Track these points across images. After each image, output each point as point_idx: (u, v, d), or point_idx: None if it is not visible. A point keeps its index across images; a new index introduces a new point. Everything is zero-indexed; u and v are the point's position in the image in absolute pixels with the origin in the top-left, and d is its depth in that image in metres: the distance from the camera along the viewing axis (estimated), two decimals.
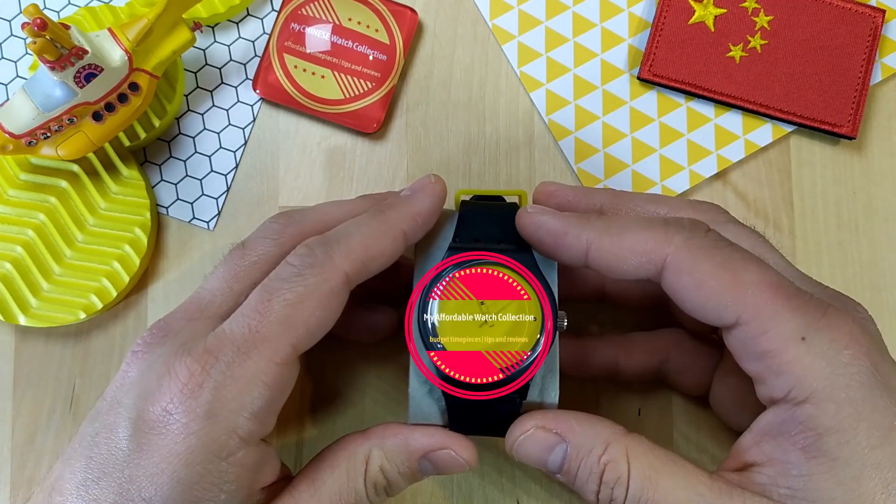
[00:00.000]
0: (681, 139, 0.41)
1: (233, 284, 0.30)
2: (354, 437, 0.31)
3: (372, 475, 0.30)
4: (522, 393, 0.30)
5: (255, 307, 0.28)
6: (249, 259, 0.31)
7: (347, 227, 0.30)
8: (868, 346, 0.27)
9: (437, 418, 0.31)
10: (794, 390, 0.26)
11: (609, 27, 0.42)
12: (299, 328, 0.28)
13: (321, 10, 0.41)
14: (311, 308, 0.28)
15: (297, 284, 0.28)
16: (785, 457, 0.27)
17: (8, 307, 0.39)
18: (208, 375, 0.27)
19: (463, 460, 0.30)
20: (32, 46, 0.33)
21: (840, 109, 0.41)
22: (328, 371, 0.40)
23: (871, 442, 0.26)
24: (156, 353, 0.29)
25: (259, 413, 0.27)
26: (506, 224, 0.31)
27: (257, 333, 0.27)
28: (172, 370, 0.27)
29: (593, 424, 0.29)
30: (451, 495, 0.39)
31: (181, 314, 0.30)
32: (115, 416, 0.27)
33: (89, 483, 0.27)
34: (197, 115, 0.42)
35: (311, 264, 0.28)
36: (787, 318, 0.27)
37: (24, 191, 0.40)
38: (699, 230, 0.29)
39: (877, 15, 0.41)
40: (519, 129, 0.42)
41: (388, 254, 0.30)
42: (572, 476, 0.29)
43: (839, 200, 0.41)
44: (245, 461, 0.27)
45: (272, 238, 0.31)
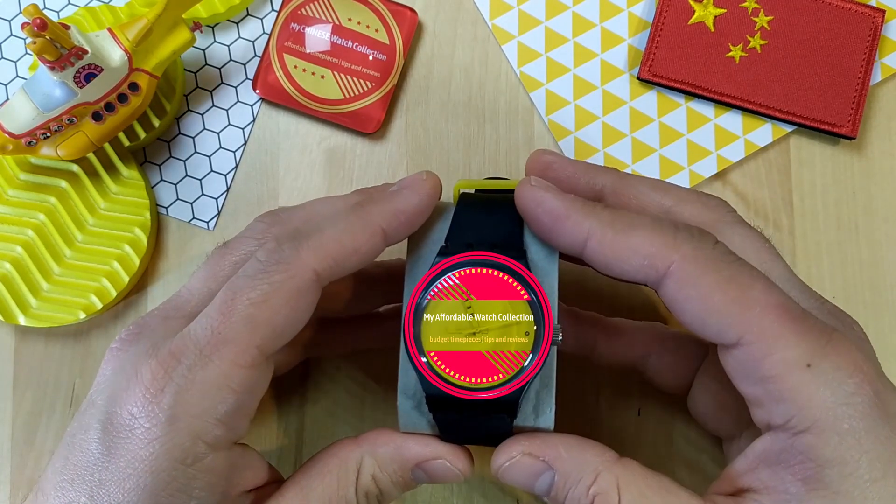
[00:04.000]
0: (681, 139, 0.41)
1: (210, 284, 0.29)
2: (346, 444, 0.30)
3: (364, 484, 0.29)
4: (512, 411, 0.28)
5: (218, 307, 0.27)
6: (230, 259, 0.30)
7: (321, 222, 0.28)
8: (871, 373, 0.26)
9: (427, 431, 0.30)
10: (795, 419, 0.26)
11: (609, 27, 0.42)
12: (264, 328, 0.26)
13: (321, 10, 0.41)
14: (277, 307, 0.27)
15: (261, 282, 0.27)
16: (783, 486, 0.26)
17: (8, 307, 0.39)
18: (170, 379, 0.26)
19: (458, 470, 0.29)
20: (32, 46, 0.33)
21: (840, 109, 0.41)
22: (327, 373, 0.40)
23: (873, 475, 0.25)
24: (129, 352, 0.28)
25: (226, 418, 0.26)
26: (502, 228, 0.29)
27: (219, 335, 0.26)
28: (139, 372, 0.26)
29: (583, 451, 0.28)
30: (451, 495, 0.39)
31: (158, 312, 0.29)
32: (89, 417, 0.27)
33: (65, 485, 0.26)
34: (197, 115, 0.42)
35: (277, 260, 0.27)
36: (791, 343, 0.26)
37: (24, 191, 0.40)
38: (708, 241, 0.27)
39: (877, 15, 0.41)
40: (519, 129, 0.42)
41: (364, 251, 0.28)
42: (560, 502, 0.28)
43: (839, 200, 0.41)
44: (214, 467, 0.26)
45: (255, 237, 0.30)
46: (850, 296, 0.40)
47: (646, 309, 0.36)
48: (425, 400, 0.28)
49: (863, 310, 0.40)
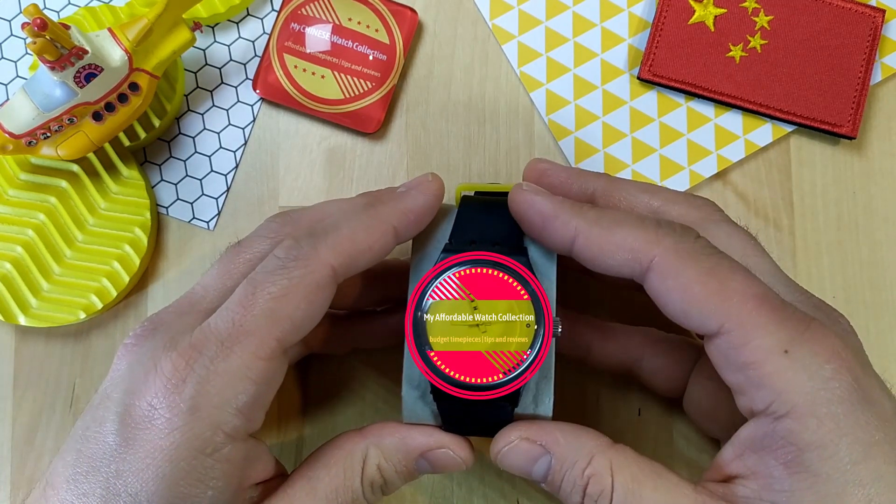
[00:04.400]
0: (681, 139, 0.41)
1: (226, 281, 0.30)
2: (351, 436, 0.31)
3: (369, 474, 0.30)
4: (514, 400, 0.30)
5: (239, 301, 0.28)
6: (244, 256, 0.30)
7: (336, 221, 0.29)
8: (850, 360, 0.27)
9: (430, 422, 0.31)
10: (774, 404, 0.26)
11: (609, 27, 0.42)
12: (284, 322, 0.27)
13: (321, 10, 0.41)
14: (297, 301, 0.28)
15: (281, 277, 0.28)
16: (767, 471, 0.27)
17: (8, 307, 0.39)
18: (192, 370, 0.26)
19: (461, 459, 0.30)
20: (32, 46, 0.33)
21: (840, 109, 0.41)
22: (329, 369, 0.40)
23: (854, 457, 0.26)
24: (145, 346, 0.28)
25: (245, 408, 0.27)
26: (503, 226, 0.31)
27: (241, 327, 0.27)
28: (158, 365, 0.27)
29: (578, 436, 0.29)
30: (451, 494, 0.39)
31: (173, 309, 0.30)
32: (104, 411, 0.27)
33: (79, 477, 0.27)
34: (197, 115, 0.42)
35: (296, 257, 0.28)
36: (770, 330, 0.26)
37: (24, 191, 0.40)
38: (689, 235, 0.29)
39: (877, 15, 0.41)
40: (519, 129, 0.42)
41: (377, 248, 0.29)
42: (556, 487, 0.29)
43: (839, 200, 0.41)
44: (232, 457, 0.27)
45: (268, 237, 0.31)
46: (850, 296, 0.40)
47: (644, 320, 0.36)
48: (430, 390, 0.29)
49: (863, 310, 0.40)
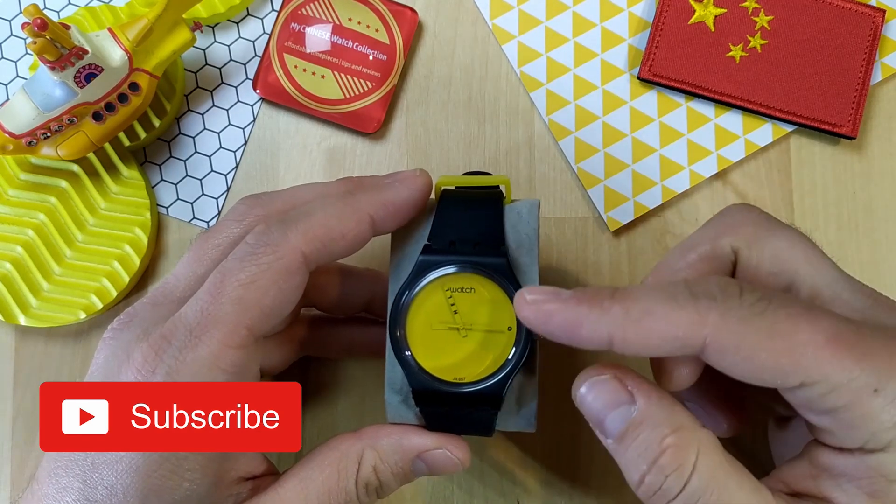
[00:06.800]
0: (681, 139, 0.41)
1: (196, 268, 0.30)
2: (346, 437, 0.30)
3: (364, 475, 0.30)
4: (496, 403, 0.29)
5: (208, 290, 0.27)
6: (213, 242, 0.30)
7: (310, 206, 0.29)
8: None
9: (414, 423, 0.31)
10: (870, 443, 0.25)
11: (609, 27, 0.42)
12: (254, 309, 0.27)
13: (321, 10, 0.41)
14: (266, 288, 0.27)
15: (250, 264, 0.27)
16: (848, 499, 0.26)
17: (8, 307, 0.39)
18: (161, 361, 0.26)
19: (458, 460, 0.30)
20: (32, 46, 0.33)
21: (840, 109, 0.41)
22: (327, 370, 0.40)
23: None
24: (120, 339, 0.28)
25: None
26: (484, 223, 0.30)
27: (209, 316, 0.27)
28: (131, 356, 0.27)
29: (672, 403, 0.27)
30: (451, 494, 0.39)
31: (148, 300, 0.30)
32: None
33: (59, 471, 0.27)
34: (197, 115, 0.42)
35: (266, 243, 0.28)
36: (855, 374, 0.25)
37: (24, 191, 0.40)
38: (733, 297, 0.26)
39: (877, 15, 0.41)
40: (519, 129, 0.42)
41: (351, 237, 0.29)
42: (625, 445, 0.26)
43: (839, 200, 0.41)
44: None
45: (237, 220, 0.30)
46: None
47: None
48: (412, 394, 0.29)
49: None
